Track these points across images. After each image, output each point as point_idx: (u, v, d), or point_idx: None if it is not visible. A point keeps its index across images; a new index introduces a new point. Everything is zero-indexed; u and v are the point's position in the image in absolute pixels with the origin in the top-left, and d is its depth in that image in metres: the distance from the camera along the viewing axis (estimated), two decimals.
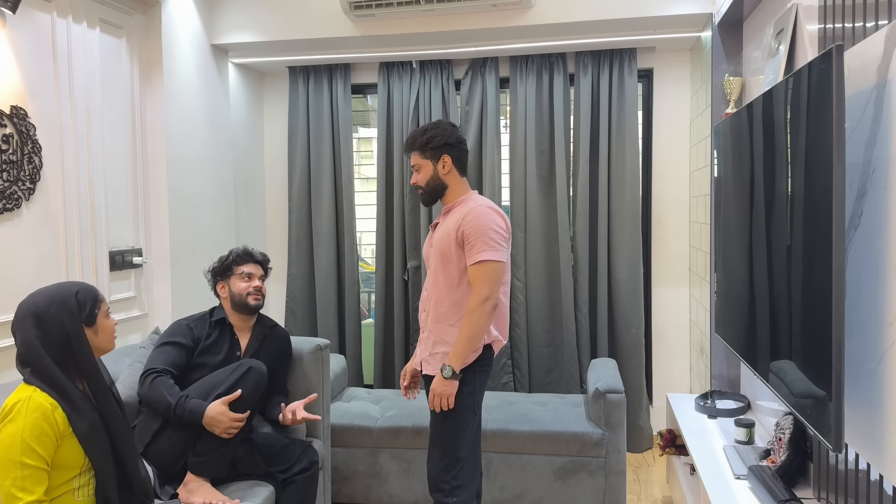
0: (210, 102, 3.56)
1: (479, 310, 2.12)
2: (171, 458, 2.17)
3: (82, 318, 1.75)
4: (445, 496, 2.20)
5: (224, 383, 2.20)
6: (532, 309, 3.78)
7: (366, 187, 4.41)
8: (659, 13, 3.20)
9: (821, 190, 1.57)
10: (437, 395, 2.14)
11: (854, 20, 1.70)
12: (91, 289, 1.82)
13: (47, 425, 1.64)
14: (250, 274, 2.50)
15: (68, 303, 1.74)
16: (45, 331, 1.70)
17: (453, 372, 2.12)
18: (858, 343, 1.62)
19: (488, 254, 2.13)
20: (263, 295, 2.52)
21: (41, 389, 1.67)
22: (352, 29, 3.47)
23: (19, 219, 2.47)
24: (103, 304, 1.84)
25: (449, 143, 2.27)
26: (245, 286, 2.47)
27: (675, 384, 3.84)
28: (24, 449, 1.60)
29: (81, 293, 1.78)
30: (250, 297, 2.47)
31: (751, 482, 2.08)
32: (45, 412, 1.64)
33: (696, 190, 3.48)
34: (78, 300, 1.76)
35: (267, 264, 2.60)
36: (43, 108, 2.56)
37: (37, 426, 1.62)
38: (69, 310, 1.73)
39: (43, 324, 1.70)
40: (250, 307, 2.47)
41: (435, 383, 2.15)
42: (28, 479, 1.61)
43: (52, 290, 1.76)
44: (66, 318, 1.72)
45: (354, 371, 4.04)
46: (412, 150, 2.30)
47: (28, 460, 1.61)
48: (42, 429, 1.63)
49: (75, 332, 1.73)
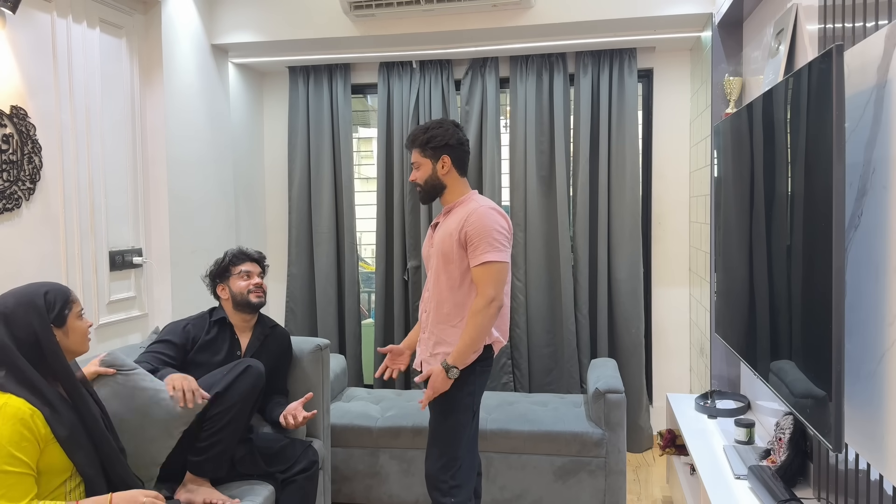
0: (210, 102, 3.56)
1: (484, 311, 2.12)
2: (170, 458, 2.17)
3: (50, 318, 1.71)
4: (443, 496, 2.20)
5: (221, 382, 2.20)
6: (532, 309, 3.78)
7: (366, 187, 4.41)
8: (659, 13, 3.20)
9: (821, 190, 1.57)
10: (436, 391, 2.15)
11: (854, 20, 1.70)
12: (62, 289, 1.78)
13: (27, 431, 1.59)
14: (249, 272, 2.50)
15: (36, 302, 1.70)
16: (14, 333, 1.66)
17: (456, 371, 2.13)
18: (858, 343, 1.62)
19: (492, 254, 2.13)
20: (265, 292, 2.52)
21: (17, 395, 1.62)
22: (352, 29, 3.47)
23: (19, 219, 2.46)
24: (75, 304, 1.80)
25: (449, 144, 2.27)
26: (245, 284, 2.48)
27: (675, 384, 3.84)
28: (5, 457, 1.56)
29: (51, 293, 1.74)
30: (252, 295, 2.47)
31: (751, 482, 2.08)
32: (24, 418, 1.59)
33: (696, 190, 3.48)
34: (46, 300, 1.72)
35: (263, 262, 2.60)
36: (43, 108, 2.56)
37: (16, 432, 1.58)
38: (37, 309, 1.70)
39: (11, 324, 1.67)
40: (252, 304, 2.48)
41: (436, 377, 2.15)
42: (13, 487, 1.56)
43: (20, 291, 1.73)
44: (34, 318, 1.69)
45: (354, 371, 4.05)
46: (413, 147, 2.30)
47: (10, 468, 1.56)
48: (22, 434, 1.58)
49: (43, 333, 1.69)
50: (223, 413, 2.18)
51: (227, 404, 2.19)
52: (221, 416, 2.18)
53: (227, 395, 2.19)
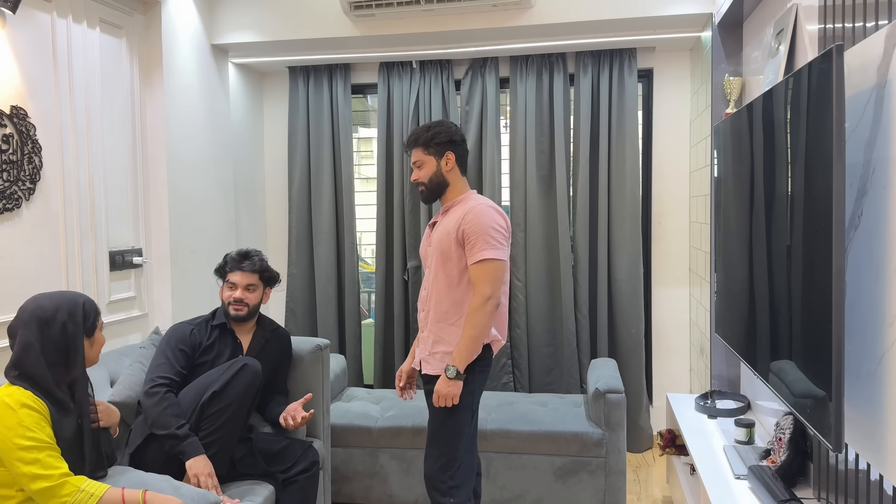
0: (210, 102, 3.56)
1: (481, 309, 2.11)
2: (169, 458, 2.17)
3: (85, 327, 1.80)
4: (442, 496, 2.20)
5: (217, 382, 2.20)
6: (532, 309, 3.78)
7: (366, 187, 4.41)
8: (659, 13, 3.20)
9: (821, 190, 1.57)
10: (443, 396, 2.14)
11: (854, 20, 1.70)
12: (94, 303, 1.87)
13: (38, 414, 1.66)
14: (234, 284, 2.44)
15: (75, 311, 1.79)
16: (46, 335, 1.72)
17: (457, 372, 2.12)
18: (858, 343, 1.62)
19: (490, 252, 2.13)
20: (248, 305, 2.44)
21: (25, 389, 1.69)
22: (352, 29, 3.47)
23: (19, 219, 2.46)
24: (100, 318, 1.89)
25: (453, 141, 2.27)
26: (228, 295, 2.45)
27: (675, 384, 3.84)
28: (23, 433, 1.61)
29: (88, 304, 1.83)
30: (230, 307, 2.43)
31: (751, 482, 2.08)
32: (29, 402, 1.65)
33: (696, 190, 3.48)
34: (85, 310, 1.81)
35: (264, 273, 2.48)
36: (43, 108, 2.56)
37: (27, 415, 1.64)
38: (75, 317, 1.78)
39: (46, 328, 1.73)
40: (230, 317, 2.45)
41: (439, 384, 2.14)
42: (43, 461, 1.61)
43: (58, 297, 1.80)
44: (71, 324, 1.76)
45: (354, 371, 4.04)
46: (415, 146, 2.29)
47: (33, 442, 1.62)
48: (34, 417, 1.65)
49: (75, 340, 1.77)
50: (221, 412, 2.19)
51: (224, 403, 2.19)
52: (219, 414, 2.19)
53: (225, 393, 2.19)
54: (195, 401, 2.21)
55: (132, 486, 1.83)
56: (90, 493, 1.65)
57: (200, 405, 2.19)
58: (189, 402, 2.23)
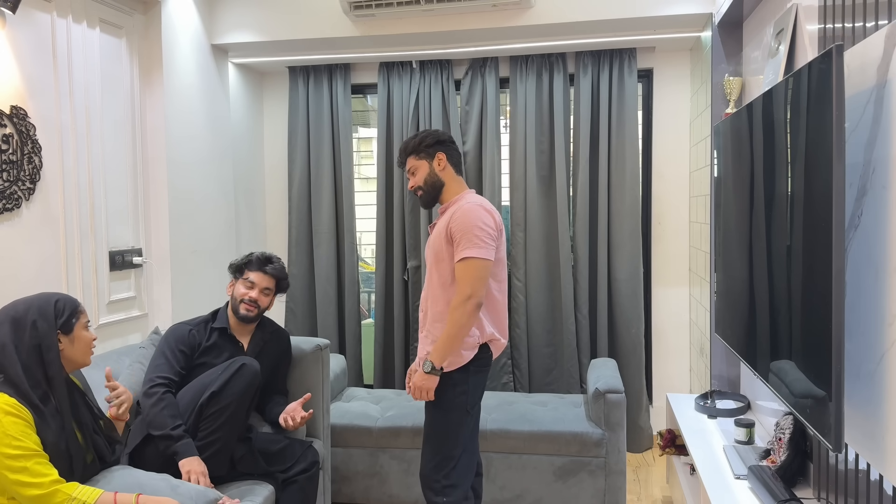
0: (210, 102, 3.56)
1: (460, 308, 2.10)
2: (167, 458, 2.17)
3: (58, 324, 1.79)
4: (436, 495, 2.21)
5: (216, 382, 2.20)
6: (532, 309, 3.78)
7: (366, 187, 4.41)
8: (659, 13, 3.20)
9: (821, 190, 1.57)
10: (417, 389, 2.18)
11: (854, 20, 1.70)
12: (72, 300, 1.86)
13: (22, 421, 1.64)
14: (254, 283, 2.46)
15: (46, 308, 1.78)
16: (18, 335, 1.72)
17: (432, 367, 2.13)
18: (858, 343, 1.62)
19: (472, 251, 2.11)
20: (259, 307, 2.46)
21: (10, 396, 1.67)
22: (352, 29, 3.47)
23: (19, 219, 2.46)
24: (83, 315, 1.87)
25: (441, 141, 2.30)
26: (243, 293, 2.46)
27: (675, 384, 3.84)
28: (9, 442, 1.60)
29: (61, 301, 1.82)
30: (242, 305, 2.44)
31: (751, 482, 2.08)
32: (12, 410, 1.64)
33: (696, 190, 3.48)
34: (56, 307, 1.80)
35: (282, 280, 2.53)
36: (43, 108, 2.56)
37: (11, 423, 1.62)
38: (45, 315, 1.77)
39: (18, 327, 1.73)
40: (239, 314, 2.45)
41: (417, 377, 2.18)
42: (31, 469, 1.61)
43: (34, 297, 1.81)
44: (42, 322, 1.76)
45: (354, 371, 4.04)
46: (406, 156, 2.33)
47: (19, 451, 1.60)
48: (18, 425, 1.63)
49: (48, 338, 1.75)
50: (220, 412, 2.19)
51: (223, 403, 2.19)
52: (218, 414, 2.19)
53: (223, 393, 2.19)
54: (194, 401, 2.21)
55: (130, 486, 1.83)
56: (82, 501, 1.65)
57: (199, 405, 2.20)
58: (188, 402, 2.23)
